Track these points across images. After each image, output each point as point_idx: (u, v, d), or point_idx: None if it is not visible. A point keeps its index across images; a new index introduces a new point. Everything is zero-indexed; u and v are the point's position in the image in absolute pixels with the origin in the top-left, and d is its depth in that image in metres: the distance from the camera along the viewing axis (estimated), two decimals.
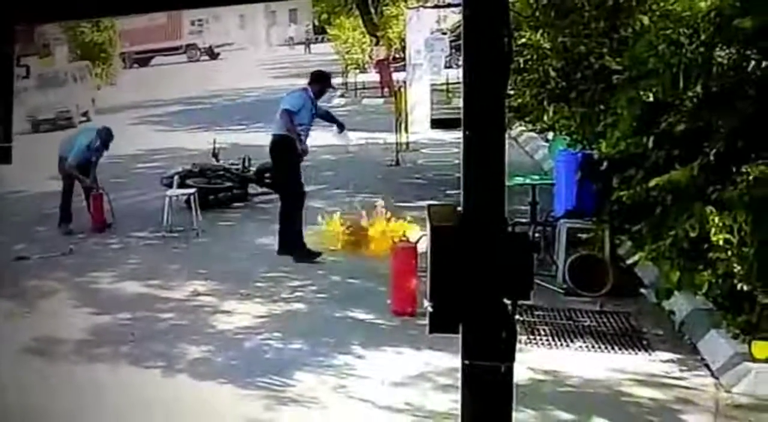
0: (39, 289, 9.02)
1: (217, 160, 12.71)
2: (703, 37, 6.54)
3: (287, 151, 9.64)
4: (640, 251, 7.70)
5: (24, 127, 21.70)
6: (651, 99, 6.96)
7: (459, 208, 2.18)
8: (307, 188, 12.67)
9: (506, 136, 2.23)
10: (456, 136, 2.23)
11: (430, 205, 2.34)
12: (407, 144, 15.46)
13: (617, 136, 7.41)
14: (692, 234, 6.43)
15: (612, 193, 7.51)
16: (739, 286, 6.26)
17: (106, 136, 11.68)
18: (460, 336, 2.15)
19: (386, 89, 22.17)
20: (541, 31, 8.14)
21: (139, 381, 6.69)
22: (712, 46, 6.65)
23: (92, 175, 11.59)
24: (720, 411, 5.88)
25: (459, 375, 2.16)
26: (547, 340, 7.05)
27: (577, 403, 6.00)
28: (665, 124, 6.89)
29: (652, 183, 6.70)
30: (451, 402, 5.73)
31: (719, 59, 6.69)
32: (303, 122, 9.72)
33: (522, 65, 8.27)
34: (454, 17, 18.21)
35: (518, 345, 2.16)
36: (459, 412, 2.19)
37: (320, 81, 10.18)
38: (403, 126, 15.55)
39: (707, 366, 6.39)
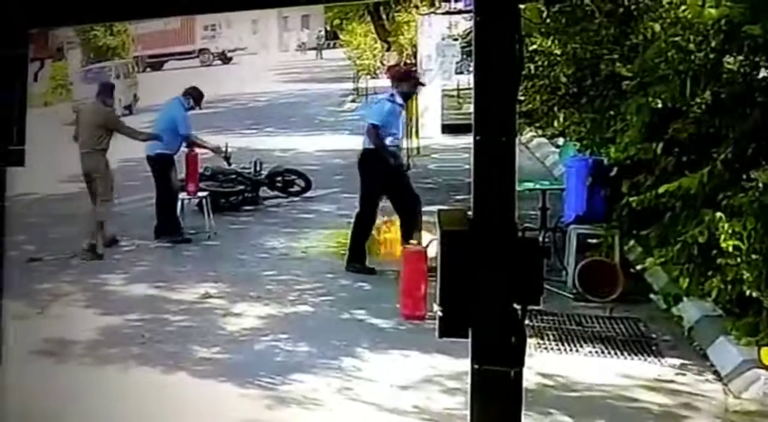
0: (50, 291, 9.07)
1: (229, 164, 12.73)
2: (713, 44, 6.54)
3: (373, 165, 9.14)
4: (649, 257, 7.70)
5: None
6: (660, 105, 6.97)
7: (469, 213, 2.19)
8: (316, 192, 12.76)
9: (517, 141, 2.24)
10: (467, 141, 2.24)
11: (440, 210, 2.35)
12: (418, 149, 15.47)
13: (626, 142, 7.41)
14: (701, 240, 6.43)
15: (621, 198, 7.52)
16: (747, 292, 6.26)
17: (196, 93, 11.19)
18: (469, 340, 2.17)
19: None
20: (552, 37, 8.15)
21: (148, 382, 6.72)
22: (722, 53, 6.66)
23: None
24: (729, 417, 5.87)
25: (468, 379, 2.17)
26: (557, 345, 7.05)
27: (586, 409, 5.99)
28: (674, 131, 6.90)
29: (661, 190, 6.70)
30: (459, 405, 5.75)
31: (728, 66, 6.70)
32: (393, 132, 9.24)
33: (533, 71, 8.28)
34: (465, 23, 18.19)
35: (527, 350, 2.18)
36: (468, 416, 2.20)
37: (406, 79, 9.56)
38: (413, 131, 15.55)
39: (716, 372, 6.38)
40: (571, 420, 5.87)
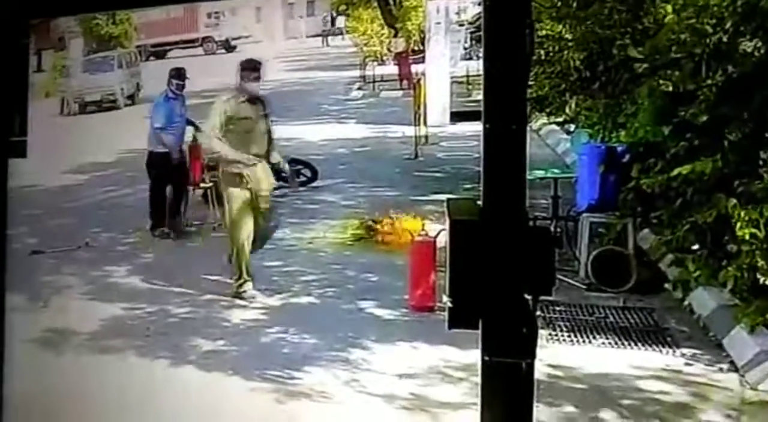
0: (54, 283, 9.04)
1: None
2: (727, 26, 6.45)
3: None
4: (659, 241, 7.65)
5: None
6: (670, 88, 6.91)
7: (479, 202, 2.13)
8: (320, 182, 12.70)
9: (527, 128, 2.18)
10: (476, 129, 2.18)
11: (449, 199, 2.30)
12: (426, 137, 15.37)
13: (636, 126, 7.37)
14: (709, 220, 6.38)
15: (630, 182, 7.46)
16: (761, 280, 6.19)
17: (175, 73, 11.09)
18: (479, 332, 2.12)
19: (405, 81, 22.13)
20: (562, 22, 8.07)
21: (151, 374, 6.70)
22: (736, 35, 6.57)
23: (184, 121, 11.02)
24: (745, 408, 5.80)
25: (478, 371, 2.12)
26: (569, 336, 6.98)
27: (599, 400, 5.93)
28: (686, 114, 6.83)
29: (674, 172, 6.64)
30: (468, 397, 5.68)
31: (743, 48, 6.60)
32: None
33: (543, 57, 8.21)
34: (474, 8, 18.11)
35: (539, 342, 2.12)
36: (479, 409, 2.14)
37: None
38: (421, 119, 15.45)
39: (732, 362, 6.31)
40: (582, 411, 5.81)
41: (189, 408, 6.13)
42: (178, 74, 11.15)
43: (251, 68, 9.07)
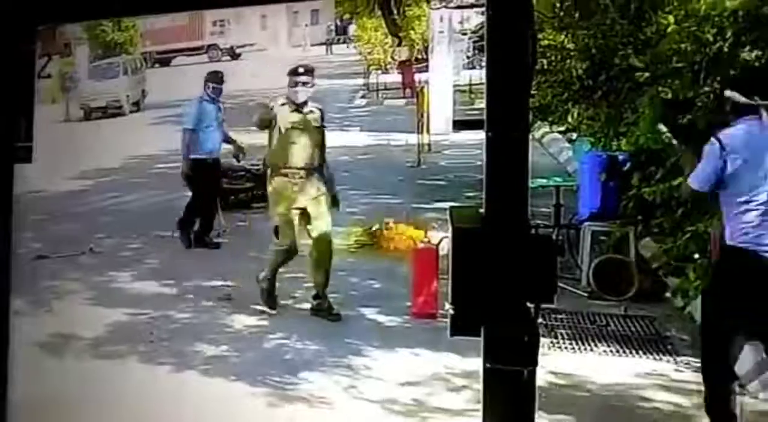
0: (58, 288, 9.05)
1: (238, 161, 12.67)
2: (728, 35, 6.48)
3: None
4: (660, 249, 7.66)
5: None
6: (669, 96, 6.94)
7: (481, 210, 2.14)
8: None
9: (529, 137, 2.19)
10: (479, 137, 2.20)
11: (452, 207, 2.31)
12: (429, 145, 15.38)
13: (637, 134, 7.39)
14: (710, 230, 6.38)
15: (631, 190, 7.47)
16: None
17: (212, 77, 10.86)
18: (481, 339, 2.13)
19: (408, 90, 22.14)
20: (565, 32, 8.10)
21: (154, 379, 6.70)
22: (737, 45, 6.60)
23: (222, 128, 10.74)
24: (745, 417, 5.79)
25: (480, 378, 2.13)
26: (570, 344, 6.98)
27: (600, 409, 5.93)
28: (684, 119, 6.86)
29: (677, 181, 6.65)
30: (470, 404, 5.69)
31: (743, 56, 6.63)
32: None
33: (545, 66, 8.23)
34: (477, 18, 18.13)
35: (541, 349, 2.13)
36: (480, 417, 2.15)
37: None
38: (424, 127, 15.46)
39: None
40: (583, 419, 5.81)
41: (191, 413, 6.14)
42: (216, 78, 11.01)
43: (294, 73, 8.91)
